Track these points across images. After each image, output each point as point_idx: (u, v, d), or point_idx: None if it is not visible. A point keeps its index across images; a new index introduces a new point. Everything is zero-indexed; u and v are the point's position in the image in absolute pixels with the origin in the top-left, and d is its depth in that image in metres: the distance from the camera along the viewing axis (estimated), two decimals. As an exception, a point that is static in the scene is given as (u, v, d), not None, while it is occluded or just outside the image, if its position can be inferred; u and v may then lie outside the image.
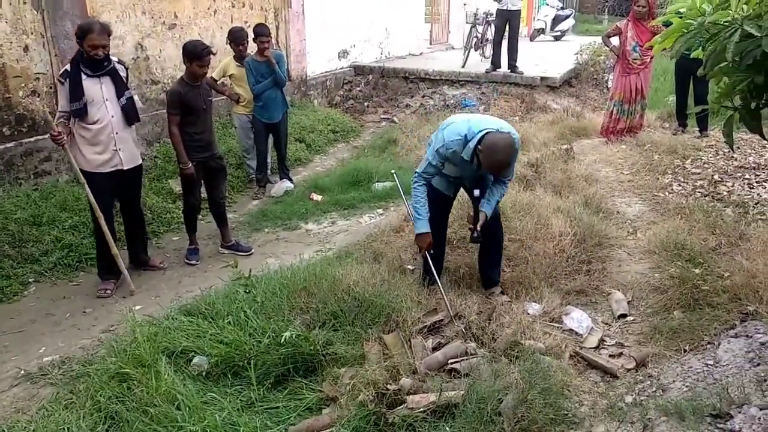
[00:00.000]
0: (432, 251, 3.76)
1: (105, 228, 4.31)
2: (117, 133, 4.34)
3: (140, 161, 4.62)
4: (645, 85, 7.55)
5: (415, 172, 3.76)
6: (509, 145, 3.40)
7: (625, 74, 7.44)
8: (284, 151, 6.85)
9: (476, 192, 3.69)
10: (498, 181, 3.75)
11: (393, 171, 4.85)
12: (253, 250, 5.21)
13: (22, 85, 5.60)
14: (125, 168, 4.43)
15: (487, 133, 3.43)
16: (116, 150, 4.36)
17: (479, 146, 3.41)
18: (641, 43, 7.17)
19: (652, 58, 7.40)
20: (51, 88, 5.84)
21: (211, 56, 4.77)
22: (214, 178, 5.08)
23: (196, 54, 4.66)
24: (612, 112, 7.62)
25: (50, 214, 5.19)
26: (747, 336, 3.08)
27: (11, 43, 5.46)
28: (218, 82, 6.53)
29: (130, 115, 4.41)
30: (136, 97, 4.54)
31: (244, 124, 6.66)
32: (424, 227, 3.68)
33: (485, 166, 3.47)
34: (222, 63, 6.59)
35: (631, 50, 7.30)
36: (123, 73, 4.43)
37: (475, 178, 3.77)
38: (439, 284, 3.73)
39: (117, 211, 4.78)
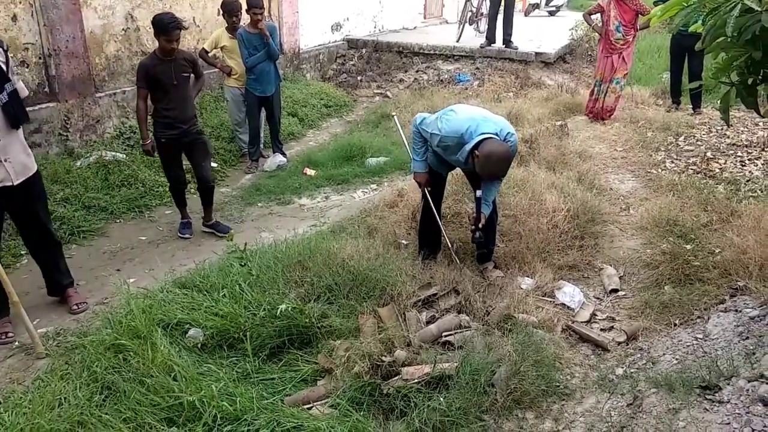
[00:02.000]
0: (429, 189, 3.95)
1: None
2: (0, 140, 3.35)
3: (34, 169, 3.60)
4: (628, 62, 7.27)
5: (415, 122, 3.76)
6: (506, 159, 3.35)
7: (607, 54, 7.20)
8: (277, 125, 6.77)
9: (478, 193, 3.70)
10: None
11: (393, 114, 5.25)
12: (231, 230, 4.81)
13: (11, 55, 5.47)
14: (15, 183, 3.44)
15: (486, 138, 3.35)
16: (1, 161, 3.37)
17: (476, 151, 3.35)
18: (624, 23, 6.95)
19: (634, 36, 7.17)
20: (40, 58, 5.75)
21: (182, 30, 4.53)
22: (193, 154, 4.89)
23: (162, 27, 4.43)
24: (593, 91, 7.46)
25: (41, 186, 5.14)
26: (736, 310, 3.13)
27: (-1, 11, 5.35)
28: (209, 54, 6.44)
29: (14, 114, 3.36)
30: (20, 84, 3.50)
31: (236, 97, 6.58)
32: (420, 168, 3.85)
33: (479, 172, 3.44)
34: (214, 34, 6.49)
35: (614, 30, 7.03)
36: (2, 58, 3.34)
37: (470, 171, 3.75)
38: (443, 230, 4.00)
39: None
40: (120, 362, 2.84)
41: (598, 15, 7.25)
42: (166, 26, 4.41)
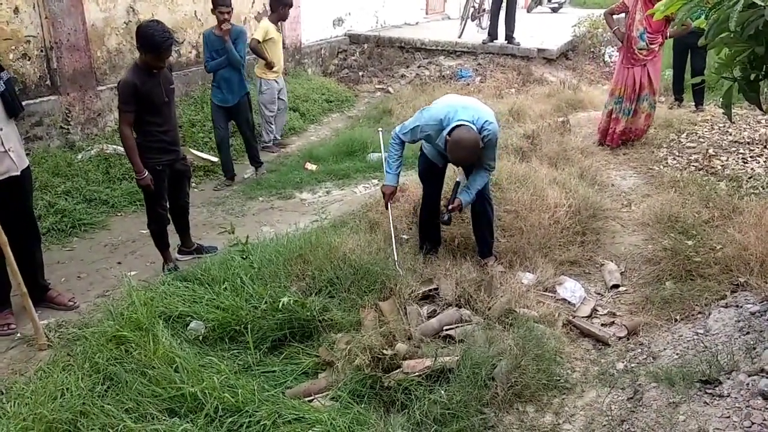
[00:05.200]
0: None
1: (10, 253, 3.29)
2: (2, 129, 3.33)
3: (27, 161, 3.64)
4: (655, 77, 6.12)
5: (395, 132, 3.82)
6: (470, 147, 3.37)
7: (629, 66, 6.06)
8: (250, 138, 6.21)
9: (458, 177, 3.72)
10: (480, 167, 3.71)
11: (379, 129, 5.06)
12: (219, 249, 4.39)
13: (13, 47, 5.50)
14: (19, 173, 3.46)
15: (459, 125, 3.39)
16: (5, 151, 3.36)
17: (448, 137, 3.42)
18: (651, 30, 5.88)
19: (661, 44, 6.07)
20: (42, 51, 5.74)
21: (174, 47, 3.95)
22: (179, 182, 4.23)
23: (153, 46, 3.67)
24: (611, 111, 6.23)
25: (43, 179, 5.15)
26: (737, 306, 3.13)
27: (1, 4, 5.33)
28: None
29: (12, 102, 3.39)
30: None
31: (272, 90, 6.74)
32: (391, 181, 3.89)
33: (449, 158, 3.49)
34: (263, 24, 6.58)
35: (637, 37, 5.92)
36: None
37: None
38: (393, 237, 3.93)
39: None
40: (122, 354, 2.85)
41: (622, 16, 6.22)
42: (158, 46, 3.68)
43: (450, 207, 3.73)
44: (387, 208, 4.06)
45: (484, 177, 3.76)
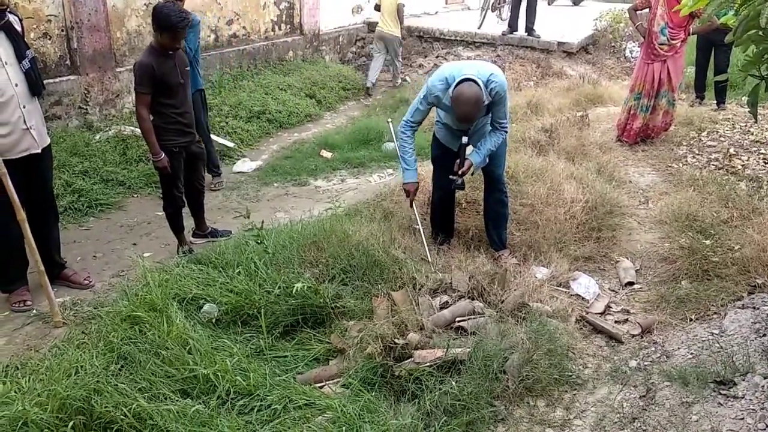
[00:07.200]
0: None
1: (29, 231, 3.37)
2: (25, 107, 3.37)
3: (49, 140, 3.68)
4: (675, 74, 5.98)
5: (403, 121, 3.75)
6: (470, 100, 3.32)
7: (649, 61, 5.94)
8: (204, 141, 5.30)
9: (464, 139, 3.60)
10: (494, 128, 3.66)
11: (389, 120, 4.93)
12: (233, 234, 4.43)
13: (34, 26, 5.53)
14: (40, 150, 3.51)
15: (463, 80, 3.35)
16: (27, 129, 3.39)
17: (451, 93, 3.39)
18: (672, 25, 5.72)
19: (684, 40, 5.91)
20: (62, 31, 5.77)
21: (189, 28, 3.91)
22: (194, 164, 4.25)
23: (169, 25, 3.69)
24: (630, 107, 6.10)
25: (61, 158, 5.18)
26: (754, 308, 3.10)
27: (23, -18, 5.37)
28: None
29: (35, 81, 3.44)
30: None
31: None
32: (411, 177, 3.78)
33: (455, 114, 3.44)
34: None
35: (658, 32, 5.79)
36: (18, 27, 3.39)
37: (472, 128, 3.67)
38: (421, 230, 3.89)
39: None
40: (136, 333, 2.87)
41: (646, 12, 6.03)
42: (175, 26, 3.70)
43: (460, 171, 3.60)
44: (411, 206, 3.95)
45: (496, 137, 3.66)
